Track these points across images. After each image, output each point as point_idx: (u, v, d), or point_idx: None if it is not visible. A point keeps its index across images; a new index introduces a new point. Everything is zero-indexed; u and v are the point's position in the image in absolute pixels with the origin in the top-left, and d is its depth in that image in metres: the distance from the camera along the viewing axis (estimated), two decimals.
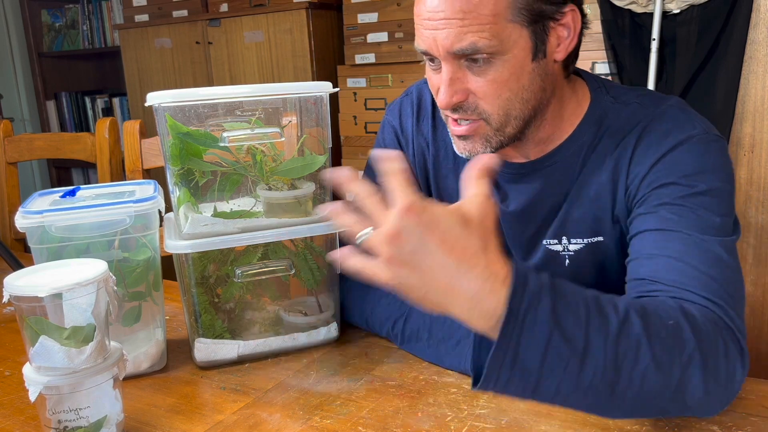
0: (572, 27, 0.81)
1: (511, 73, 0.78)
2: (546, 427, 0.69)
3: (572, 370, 0.58)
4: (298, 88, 0.87)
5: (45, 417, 0.69)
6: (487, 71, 0.77)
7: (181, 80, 3.01)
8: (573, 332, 0.58)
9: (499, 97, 0.79)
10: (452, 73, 0.78)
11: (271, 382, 0.83)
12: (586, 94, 0.90)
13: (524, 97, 0.80)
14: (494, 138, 0.82)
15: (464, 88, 0.79)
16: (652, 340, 0.61)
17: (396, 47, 2.48)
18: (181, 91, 0.81)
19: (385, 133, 1.04)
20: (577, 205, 0.88)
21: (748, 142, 1.95)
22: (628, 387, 0.60)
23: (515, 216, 0.93)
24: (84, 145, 1.65)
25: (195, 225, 0.85)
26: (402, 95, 1.06)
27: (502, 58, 0.77)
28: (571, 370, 0.58)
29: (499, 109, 0.80)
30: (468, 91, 0.79)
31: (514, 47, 0.77)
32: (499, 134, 0.82)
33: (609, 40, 2.04)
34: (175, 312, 1.08)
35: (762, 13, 1.88)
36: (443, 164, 0.99)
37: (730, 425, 0.68)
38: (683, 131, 0.81)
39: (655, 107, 0.85)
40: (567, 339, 0.58)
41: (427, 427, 0.71)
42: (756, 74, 1.91)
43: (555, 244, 0.91)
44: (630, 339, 0.60)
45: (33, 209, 0.78)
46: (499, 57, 0.77)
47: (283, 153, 0.88)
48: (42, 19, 3.75)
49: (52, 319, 0.66)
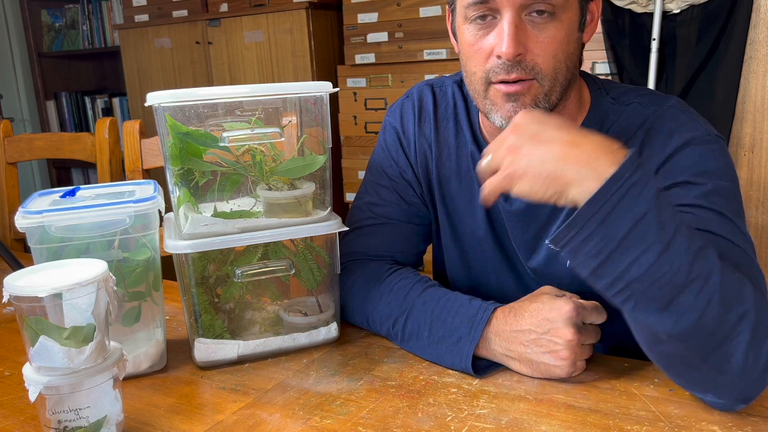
0: (596, 12, 0.86)
1: (566, 34, 0.81)
2: (546, 427, 0.69)
3: (649, 256, 0.61)
4: (298, 88, 0.87)
5: (45, 417, 0.69)
6: (548, 28, 0.79)
7: (181, 80, 3.01)
8: (666, 221, 0.62)
9: (554, 57, 0.80)
10: (516, 23, 0.78)
11: (271, 382, 0.83)
12: (587, 95, 0.91)
13: (569, 65, 0.83)
14: (542, 102, 0.83)
15: (525, 42, 0.79)
16: (723, 277, 0.64)
17: (396, 47, 2.48)
18: (181, 91, 0.81)
19: (387, 134, 1.05)
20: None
21: (748, 142, 1.95)
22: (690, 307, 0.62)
23: (518, 215, 0.93)
24: (84, 145, 1.65)
25: (195, 225, 0.85)
26: (403, 97, 1.06)
27: (560, 17, 0.79)
28: (648, 254, 0.61)
29: (553, 70, 0.81)
30: (527, 47, 0.79)
31: (569, 10, 0.80)
32: (546, 100, 0.83)
33: (609, 40, 2.05)
34: (175, 312, 1.08)
35: (762, 13, 1.88)
36: (446, 165, 0.99)
37: (730, 425, 0.68)
38: (686, 132, 0.82)
39: (656, 107, 0.86)
40: (659, 223, 0.61)
41: (427, 427, 0.71)
42: (756, 74, 1.91)
43: None
44: (707, 262, 0.63)
45: (33, 209, 0.78)
46: (559, 16, 0.79)
47: (283, 153, 0.88)
48: (42, 19, 3.75)
49: (52, 319, 0.66)
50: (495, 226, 0.97)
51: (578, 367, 0.79)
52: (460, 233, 1.01)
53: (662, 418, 0.70)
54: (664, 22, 1.93)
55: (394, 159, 1.03)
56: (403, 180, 1.02)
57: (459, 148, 0.98)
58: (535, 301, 0.80)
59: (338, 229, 0.89)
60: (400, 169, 1.02)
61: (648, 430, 0.68)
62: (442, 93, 1.02)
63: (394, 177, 1.02)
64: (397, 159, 1.03)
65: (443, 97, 1.01)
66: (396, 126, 1.03)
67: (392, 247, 1.01)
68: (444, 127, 1.00)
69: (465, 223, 0.99)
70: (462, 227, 1.00)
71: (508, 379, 0.80)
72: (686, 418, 0.69)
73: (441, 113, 1.01)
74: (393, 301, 0.90)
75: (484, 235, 0.98)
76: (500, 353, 0.81)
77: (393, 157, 1.03)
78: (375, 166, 1.05)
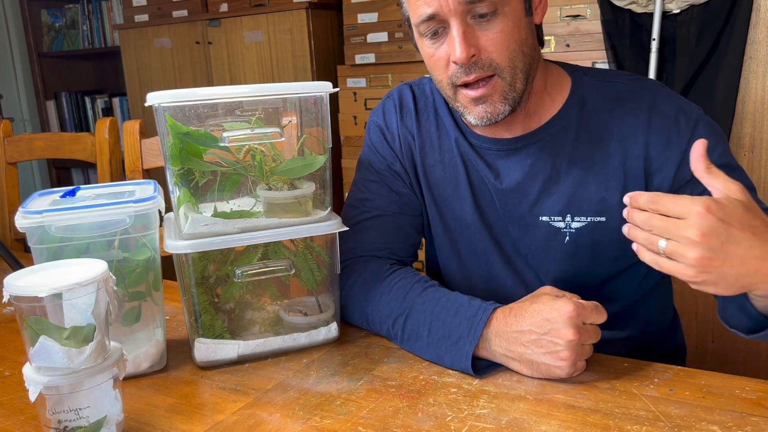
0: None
1: (514, 24, 0.85)
2: (546, 427, 0.69)
3: None
4: (298, 88, 0.87)
5: (45, 417, 0.69)
6: (495, 24, 0.84)
7: (181, 80, 3.01)
8: None
9: (507, 48, 0.85)
10: (464, 29, 0.84)
11: (271, 382, 0.83)
12: (566, 77, 0.97)
13: (524, 51, 0.88)
14: (509, 94, 0.88)
15: (476, 43, 0.85)
16: None
17: (396, 47, 2.48)
18: (181, 91, 0.81)
19: (371, 133, 1.08)
20: (583, 184, 0.93)
21: (748, 142, 1.95)
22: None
23: (509, 192, 0.97)
24: (84, 145, 1.65)
25: (195, 225, 0.85)
26: (383, 98, 1.10)
27: (503, 12, 0.84)
28: None
29: (509, 61, 0.86)
30: (479, 47, 0.85)
31: (510, 2, 0.85)
32: (512, 90, 0.88)
33: (609, 40, 2.04)
34: (175, 312, 1.08)
35: (762, 13, 1.88)
36: (429, 155, 1.03)
37: (730, 425, 0.68)
38: (690, 108, 0.92)
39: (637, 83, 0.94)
40: None
41: (427, 427, 0.71)
42: (756, 74, 1.91)
43: (558, 221, 0.95)
44: None
45: (33, 209, 0.78)
46: (501, 9, 0.84)
47: (283, 153, 0.88)
48: (42, 19, 3.75)
49: (52, 319, 0.66)
50: (481, 210, 1.00)
51: (578, 368, 0.79)
52: (448, 220, 1.03)
53: (662, 418, 0.70)
54: (664, 22, 1.93)
55: (380, 154, 1.06)
56: (392, 171, 1.05)
57: (441, 138, 1.02)
58: (535, 302, 0.80)
59: (338, 229, 0.89)
60: (387, 162, 1.05)
61: (648, 430, 0.68)
62: (420, 90, 1.07)
63: (382, 170, 1.05)
64: (383, 153, 1.05)
65: (422, 94, 1.06)
66: (379, 123, 1.07)
67: (387, 240, 1.02)
68: (425, 119, 1.04)
69: (452, 209, 1.02)
70: (449, 214, 1.03)
71: (508, 379, 0.80)
72: (686, 418, 0.69)
73: (421, 107, 1.05)
74: (393, 300, 0.91)
75: (471, 219, 1.00)
76: (500, 353, 0.81)
77: (379, 152, 1.06)
78: (363, 164, 1.08)
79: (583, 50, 2.12)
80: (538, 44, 0.93)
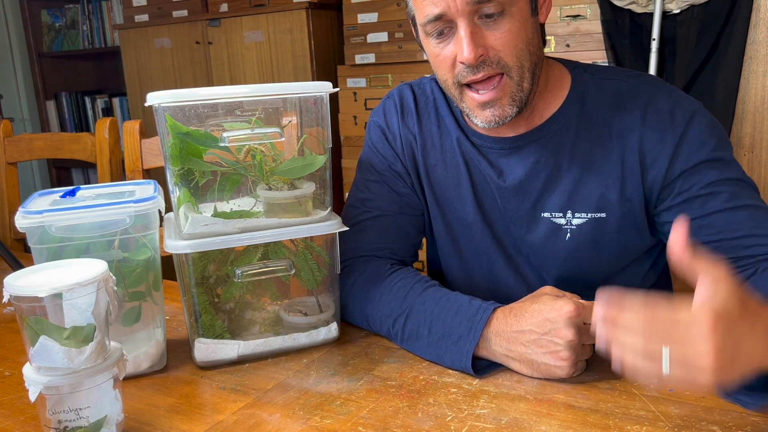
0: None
1: (521, 23, 0.85)
2: (546, 427, 0.69)
3: None
4: (298, 88, 0.87)
5: (45, 417, 0.69)
6: (502, 24, 0.84)
7: (181, 80, 3.01)
8: None
9: (515, 47, 0.85)
10: (471, 29, 0.83)
11: (271, 382, 0.83)
12: (566, 73, 0.97)
13: (531, 50, 0.87)
14: (518, 94, 0.88)
15: (483, 43, 0.84)
16: None
17: (396, 47, 2.48)
18: (181, 91, 0.81)
19: (372, 133, 1.08)
20: (583, 180, 0.93)
21: (748, 142, 1.95)
22: None
23: (512, 190, 0.97)
24: (84, 145, 1.65)
25: (195, 225, 0.85)
26: (384, 99, 1.10)
27: (510, 11, 0.84)
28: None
29: (517, 60, 0.86)
30: (487, 46, 0.85)
31: (518, 2, 0.85)
32: (520, 90, 0.88)
33: (609, 40, 2.04)
34: (175, 312, 1.08)
35: (762, 13, 1.88)
36: (431, 154, 1.03)
37: (730, 425, 0.68)
38: (687, 103, 0.91)
39: (635, 80, 0.94)
40: None
41: (427, 427, 0.71)
42: (756, 74, 1.91)
43: (559, 217, 0.95)
44: None
45: (33, 209, 0.78)
46: (509, 9, 0.84)
47: (283, 153, 0.88)
48: (42, 19, 3.75)
49: (52, 319, 0.66)
50: (483, 210, 1.00)
51: (578, 368, 0.79)
52: (449, 220, 1.03)
53: (662, 418, 0.70)
54: (664, 22, 1.93)
55: (381, 154, 1.05)
56: (392, 171, 1.04)
57: (442, 138, 1.02)
58: (535, 302, 0.80)
59: (338, 229, 0.89)
60: (388, 162, 1.05)
61: (648, 430, 0.68)
62: (420, 90, 1.06)
63: (383, 170, 1.05)
64: (384, 153, 1.05)
65: (422, 94, 1.06)
66: (380, 123, 1.07)
67: (387, 240, 1.02)
68: (426, 119, 1.04)
69: (454, 209, 1.02)
70: (451, 213, 1.03)
71: (508, 379, 0.80)
72: (686, 418, 0.69)
73: (422, 107, 1.05)
74: (393, 300, 0.91)
75: (472, 219, 1.00)
76: (500, 353, 0.81)
77: (380, 152, 1.06)
78: (364, 164, 1.07)
79: (583, 50, 2.12)
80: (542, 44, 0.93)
